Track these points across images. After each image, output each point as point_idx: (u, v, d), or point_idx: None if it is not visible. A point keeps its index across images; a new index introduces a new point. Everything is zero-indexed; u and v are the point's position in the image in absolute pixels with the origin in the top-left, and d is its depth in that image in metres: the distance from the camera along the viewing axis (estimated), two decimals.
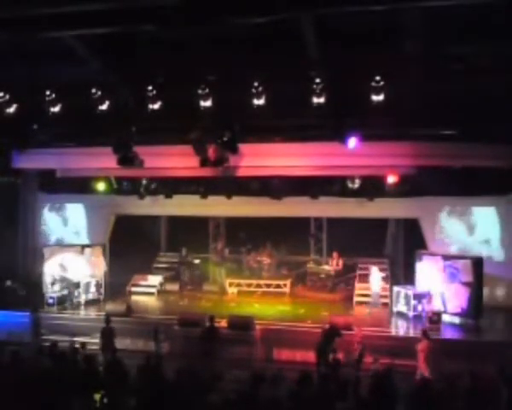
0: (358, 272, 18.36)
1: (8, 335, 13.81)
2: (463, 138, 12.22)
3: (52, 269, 17.62)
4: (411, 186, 15.40)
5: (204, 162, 12.58)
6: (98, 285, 17.94)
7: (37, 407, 7.51)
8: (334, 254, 18.74)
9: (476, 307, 14.53)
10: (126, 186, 17.87)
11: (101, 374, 9.18)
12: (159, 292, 19.26)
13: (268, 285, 18.92)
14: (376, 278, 16.75)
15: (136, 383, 8.63)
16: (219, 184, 16.60)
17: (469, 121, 11.22)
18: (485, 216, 17.03)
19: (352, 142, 11.62)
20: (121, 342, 13.15)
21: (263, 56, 10.10)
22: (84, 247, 18.41)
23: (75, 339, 12.68)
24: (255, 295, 18.40)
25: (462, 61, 9.86)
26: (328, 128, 11.82)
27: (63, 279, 17.50)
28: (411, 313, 15.21)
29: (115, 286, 18.75)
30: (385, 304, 16.51)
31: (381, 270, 18.01)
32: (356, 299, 17.32)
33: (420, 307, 15.28)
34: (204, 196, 17.72)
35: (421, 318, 15.03)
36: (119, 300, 17.45)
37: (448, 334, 14.13)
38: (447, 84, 10.37)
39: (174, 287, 19.60)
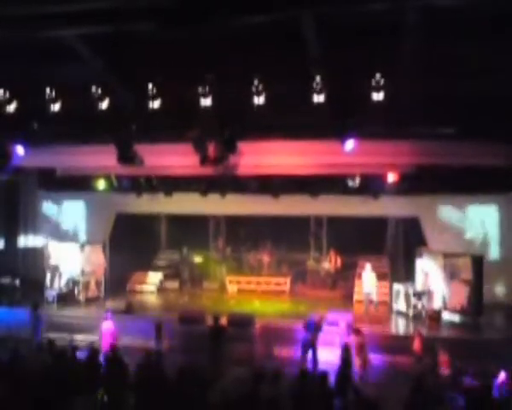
0: (358, 270, 18.38)
1: (8, 332, 13.81)
2: (463, 137, 12.21)
3: (52, 267, 17.67)
4: (411, 184, 15.37)
5: (204, 160, 12.58)
6: (98, 283, 17.97)
7: (37, 404, 7.52)
8: (332, 253, 18.77)
9: (476, 304, 14.53)
10: (126, 184, 17.86)
11: (102, 372, 9.19)
12: (159, 290, 19.30)
13: (268, 283, 18.97)
14: (369, 276, 15.93)
15: (137, 381, 8.64)
16: (219, 183, 16.59)
17: (469, 120, 11.22)
18: (485, 214, 17.05)
19: (350, 144, 11.60)
20: (121, 340, 13.15)
21: (263, 54, 10.10)
22: (84, 245, 18.43)
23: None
24: (255, 293, 18.42)
25: (462, 60, 9.87)
26: (328, 126, 11.81)
27: (63, 277, 17.54)
28: (411, 311, 15.23)
29: (115, 284, 18.78)
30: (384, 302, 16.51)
31: (381, 267, 18.01)
32: (356, 297, 17.34)
33: (420, 305, 15.30)
34: (204, 194, 17.74)
35: (421, 316, 15.04)
36: (119, 297, 17.48)
37: (448, 332, 14.14)
38: (447, 82, 10.38)
39: (174, 285, 19.65)
